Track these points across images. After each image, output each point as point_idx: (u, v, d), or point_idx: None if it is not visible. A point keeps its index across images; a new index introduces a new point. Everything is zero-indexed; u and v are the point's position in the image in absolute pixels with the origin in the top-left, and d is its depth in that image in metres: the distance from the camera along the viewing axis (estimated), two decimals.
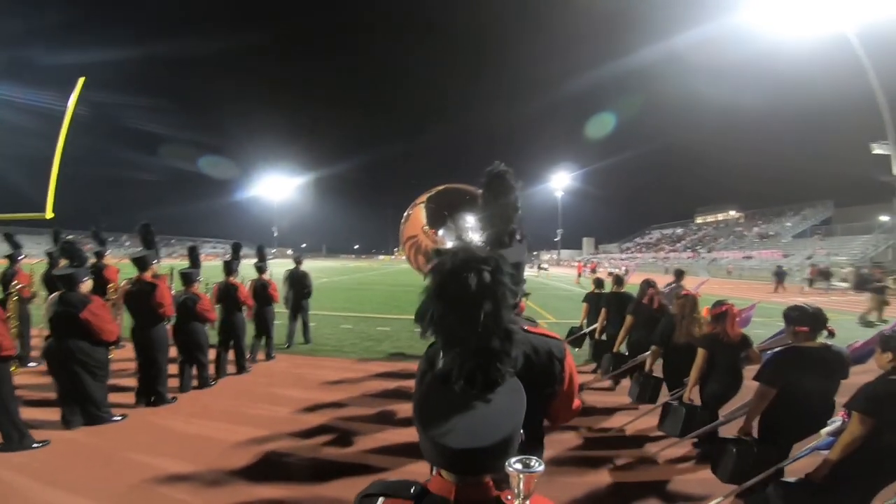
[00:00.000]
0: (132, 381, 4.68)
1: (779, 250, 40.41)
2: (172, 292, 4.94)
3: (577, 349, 6.42)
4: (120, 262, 7.64)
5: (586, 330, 6.22)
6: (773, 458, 2.63)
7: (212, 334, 5.35)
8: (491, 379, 0.86)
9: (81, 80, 5.93)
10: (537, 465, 0.72)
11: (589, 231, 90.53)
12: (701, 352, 3.41)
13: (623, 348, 5.14)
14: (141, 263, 4.62)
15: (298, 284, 7.32)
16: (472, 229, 2.53)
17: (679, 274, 6.95)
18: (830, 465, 2.18)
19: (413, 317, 0.97)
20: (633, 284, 5.93)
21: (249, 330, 6.07)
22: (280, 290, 6.75)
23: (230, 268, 5.82)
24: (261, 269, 6.56)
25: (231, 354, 5.77)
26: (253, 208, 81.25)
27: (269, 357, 6.46)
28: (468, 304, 0.86)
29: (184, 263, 5.77)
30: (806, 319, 2.68)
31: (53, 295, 3.90)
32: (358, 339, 8.13)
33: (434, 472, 0.89)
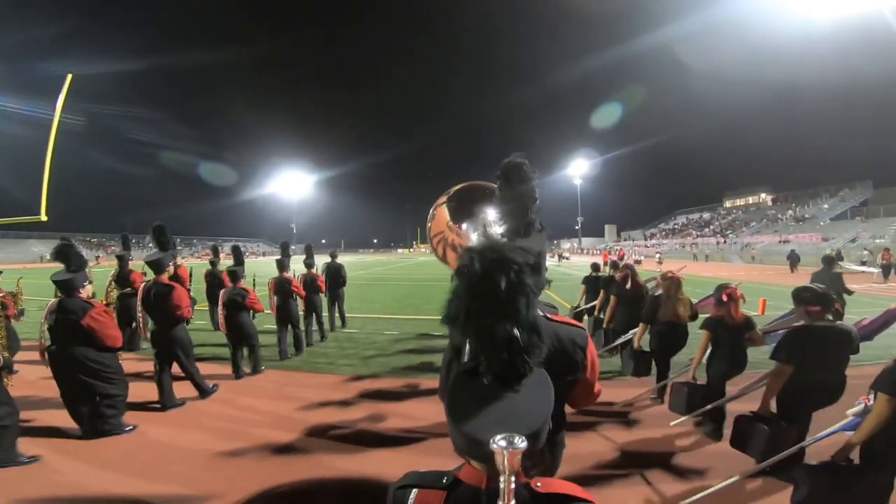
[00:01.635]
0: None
1: (817, 234, 39.00)
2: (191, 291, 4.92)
3: None
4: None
5: (584, 307, 7.01)
6: (794, 434, 2.77)
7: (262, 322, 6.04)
8: (519, 371, 0.89)
9: (69, 78, 5.76)
10: (520, 442, 0.74)
11: (611, 218, 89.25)
12: (704, 333, 3.62)
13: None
14: (156, 266, 4.62)
15: (335, 276, 8.30)
16: (494, 222, 2.40)
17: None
18: (854, 447, 2.24)
19: (424, 317, 0.93)
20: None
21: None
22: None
23: (283, 264, 6.55)
24: (309, 265, 7.47)
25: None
26: (271, 206, 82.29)
27: (322, 338, 7.42)
28: (499, 302, 0.89)
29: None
30: (818, 299, 2.81)
31: (52, 301, 3.74)
32: (359, 348, 7.08)
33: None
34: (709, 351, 3.70)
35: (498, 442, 0.74)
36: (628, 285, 5.44)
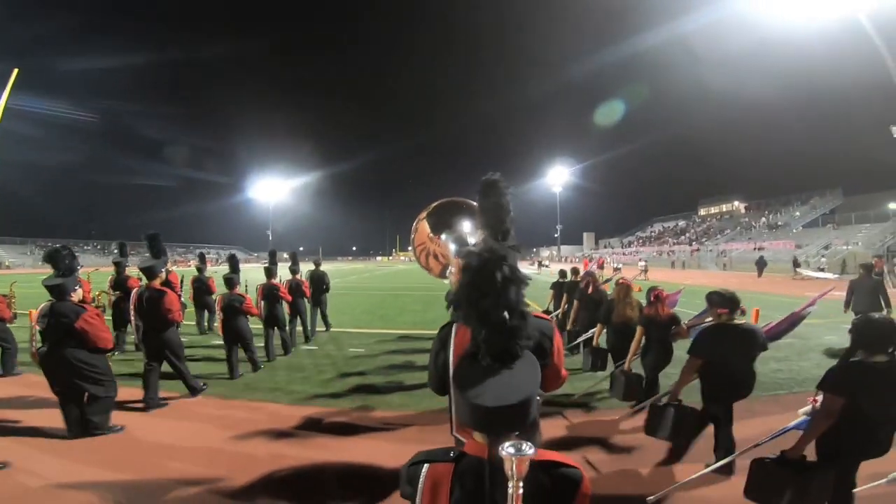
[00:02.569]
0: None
1: (790, 240, 40.48)
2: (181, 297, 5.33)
3: None
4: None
5: (554, 313, 7.53)
6: (714, 416, 3.26)
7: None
8: (512, 352, 1.08)
9: (15, 72, 5.99)
10: (528, 449, 0.84)
11: (589, 226, 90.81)
12: (639, 329, 4.23)
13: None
14: (149, 272, 4.93)
15: (318, 282, 8.87)
16: (469, 233, 3.01)
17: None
18: (805, 443, 2.38)
19: (400, 331, 1.23)
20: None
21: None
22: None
23: (271, 272, 7.04)
24: (294, 271, 7.97)
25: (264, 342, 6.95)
26: (248, 211, 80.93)
27: (307, 340, 8.04)
28: (496, 292, 1.10)
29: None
30: (725, 302, 3.24)
31: (43, 305, 3.88)
32: (313, 370, 6.21)
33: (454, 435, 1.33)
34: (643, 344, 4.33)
35: (507, 449, 0.84)
36: (590, 290, 6.09)
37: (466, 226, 3.22)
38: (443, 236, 3.31)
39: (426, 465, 1.05)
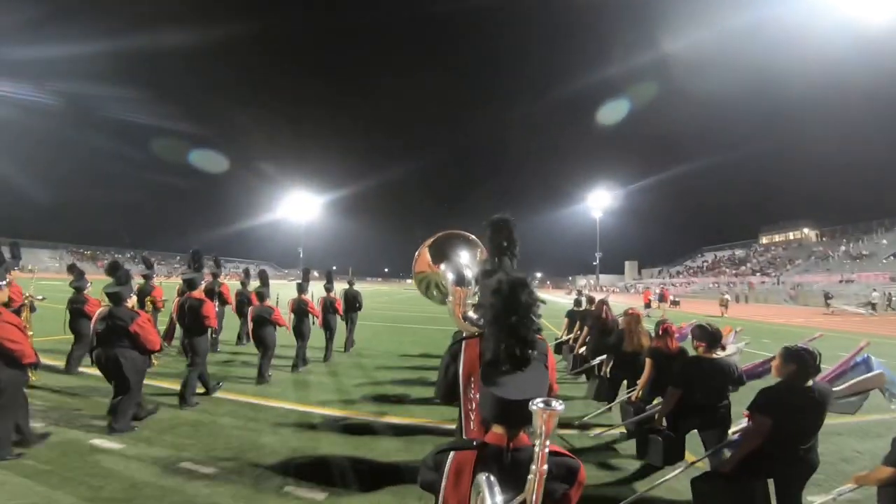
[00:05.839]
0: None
1: (882, 272, 37.98)
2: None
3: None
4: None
5: (566, 337, 8.22)
6: (681, 443, 3.65)
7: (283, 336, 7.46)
8: (527, 359, 1.37)
9: None
10: (558, 406, 0.96)
11: (631, 254, 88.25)
12: (648, 361, 4.41)
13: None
14: (190, 284, 5.90)
15: (352, 300, 9.96)
16: (465, 265, 3.35)
17: None
18: (736, 459, 2.76)
19: (354, 416, 3.46)
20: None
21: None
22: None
23: (302, 287, 7.96)
24: (328, 289, 8.96)
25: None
26: (280, 229, 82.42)
27: (327, 358, 8.73)
28: (520, 310, 1.40)
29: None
30: (705, 337, 3.59)
31: (102, 309, 4.59)
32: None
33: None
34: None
35: (538, 403, 0.96)
36: (603, 316, 6.46)
37: (464, 256, 3.58)
38: (441, 266, 3.59)
39: (452, 453, 1.25)
